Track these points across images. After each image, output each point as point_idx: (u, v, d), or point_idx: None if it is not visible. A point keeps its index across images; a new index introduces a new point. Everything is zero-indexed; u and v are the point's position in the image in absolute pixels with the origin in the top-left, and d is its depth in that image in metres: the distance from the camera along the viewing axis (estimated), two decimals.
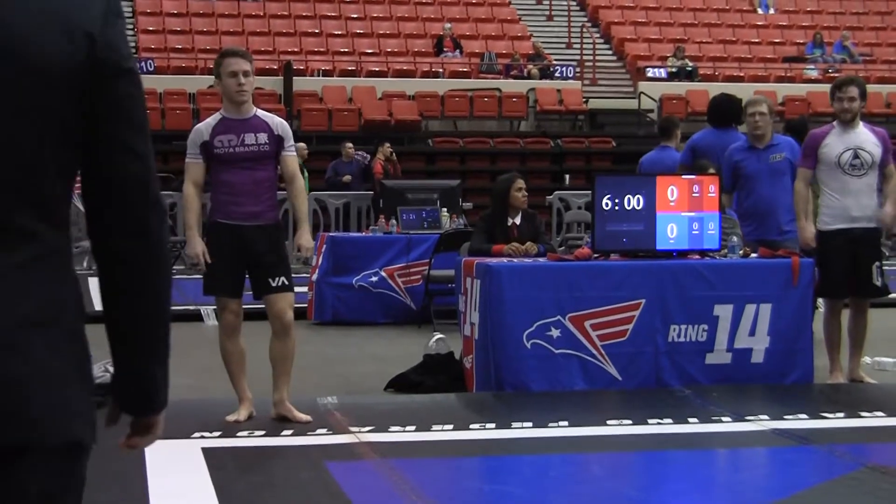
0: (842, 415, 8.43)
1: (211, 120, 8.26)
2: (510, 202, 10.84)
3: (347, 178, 23.41)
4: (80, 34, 2.41)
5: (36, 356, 2.40)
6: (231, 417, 8.14)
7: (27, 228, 2.40)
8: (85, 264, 20.46)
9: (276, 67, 29.14)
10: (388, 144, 24.18)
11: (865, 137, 9.59)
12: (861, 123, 9.69)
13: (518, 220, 10.83)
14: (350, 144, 24.22)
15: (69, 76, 2.40)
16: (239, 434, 7.77)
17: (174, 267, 20.78)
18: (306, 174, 23.56)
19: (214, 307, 14.27)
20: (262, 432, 7.82)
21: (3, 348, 2.35)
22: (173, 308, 2.64)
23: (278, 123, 8.26)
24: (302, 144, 24.86)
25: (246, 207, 8.11)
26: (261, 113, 8.30)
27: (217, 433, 7.74)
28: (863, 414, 8.42)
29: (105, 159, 2.49)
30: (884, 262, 9.91)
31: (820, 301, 10.79)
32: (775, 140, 10.77)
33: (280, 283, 8.17)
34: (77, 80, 2.40)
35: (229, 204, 8.12)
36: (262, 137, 8.13)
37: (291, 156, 8.28)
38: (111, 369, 2.71)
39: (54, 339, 2.46)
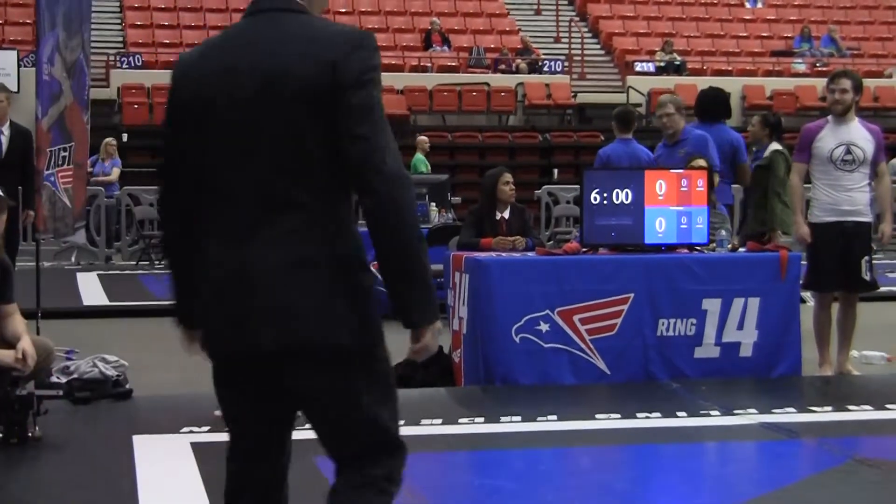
0: (830, 408, 8.45)
1: None
2: (498, 196, 10.85)
3: None
4: (323, 62, 3.56)
5: (304, 285, 3.56)
6: (219, 412, 8.11)
7: (299, 200, 3.57)
8: (73, 259, 20.49)
9: None
10: None
11: (858, 133, 9.61)
12: (856, 119, 9.71)
13: (506, 215, 10.84)
14: None
15: (319, 93, 3.54)
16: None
17: (162, 262, 20.75)
18: (427, 166, 23.50)
19: None
20: None
21: (281, 280, 3.55)
22: (161, 304, 2.81)
23: None
24: (423, 138, 24.86)
25: None
26: None
27: (206, 428, 7.74)
28: (850, 407, 8.45)
29: (344, 146, 3.53)
30: (873, 257, 9.94)
31: (806, 294, 10.83)
32: (684, 135, 11.17)
33: None
34: (325, 95, 3.54)
35: None
36: None
37: None
38: (100, 365, 2.86)
39: (320, 274, 3.58)
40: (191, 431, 7.65)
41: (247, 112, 3.60)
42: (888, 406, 8.46)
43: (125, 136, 26.48)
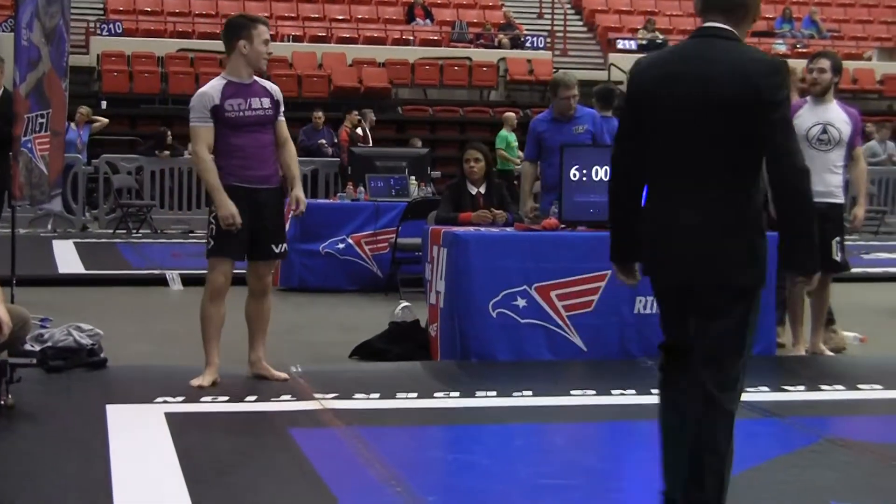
0: (802, 388, 8.47)
1: (217, 83, 8.28)
2: (464, 172, 10.89)
3: (328, 150, 23.47)
4: (748, 83, 4.81)
5: (724, 240, 4.89)
6: (195, 382, 8.13)
7: (721, 177, 4.88)
8: (49, 227, 20.42)
9: None
10: (355, 112, 24.17)
11: (836, 114, 9.63)
12: (834, 101, 9.71)
13: (483, 190, 10.84)
14: (319, 114, 24.19)
15: (745, 108, 4.82)
16: (202, 399, 7.75)
17: (140, 231, 20.75)
18: (514, 143, 23.27)
19: (179, 271, 14.32)
20: (226, 398, 7.81)
21: (708, 234, 4.88)
22: (138, 273, 2.77)
23: (276, 90, 8.46)
24: (511, 114, 24.74)
25: (258, 171, 8.24)
26: (258, 79, 8.44)
27: (180, 398, 7.73)
28: (823, 387, 8.48)
29: (766, 148, 4.83)
30: (846, 239, 9.95)
31: None
32: (578, 112, 11.13)
33: (283, 250, 8.42)
34: (750, 110, 4.81)
35: (243, 168, 8.20)
36: (266, 102, 8.31)
37: (284, 121, 8.45)
38: (74, 333, 2.86)
39: (735, 232, 4.89)
40: (165, 401, 7.63)
41: (685, 111, 4.90)
42: (860, 386, 8.49)
43: (104, 104, 26.38)
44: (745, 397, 7.99)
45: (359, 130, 23.70)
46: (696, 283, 5.00)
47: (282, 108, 8.39)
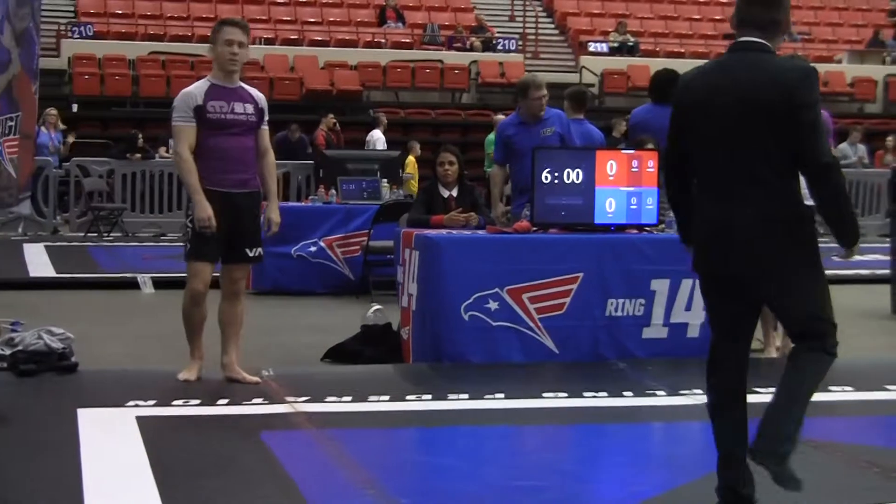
0: (773, 389, 8.47)
1: (201, 84, 8.31)
2: (438, 176, 10.90)
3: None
4: (782, 90, 5.32)
5: (766, 232, 5.39)
6: (182, 376, 8.24)
7: (762, 177, 5.38)
8: (20, 230, 20.33)
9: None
10: (331, 115, 24.23)
11: None
12: None
13: (455, 193, 10.85)
14: (295, 126, 24.37)
15: (778, 110, 5.31)
16: (174, 403, 7.73)
17: (111, 234, 20.68)
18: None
19: (150, 275, 14.28)
20: (198, 401, 7.79)
21: (752, 228, 5.39)
22: (109, 276, 2.75)
23: (260, 97, 8.45)
24: (501, 117, 24.78)
25: (236, 175, 8.23)
26: (244, 85, 8.44)
27: (152, 402, 7.70)
28: None
29: (800, 148, 5.34)
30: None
31: None
32: (546, 114, 11.18)
33: (257, 254, 8.40)
34: (783, 112, 5.30)
35: (220, 171, 8.19)
36: (249, 108, 8.31)
37: (267, 130, 8.45)
38: (45, 337, 2.84)
39: (775, 225, 5.39)
40: (136, 405, 7.60)
41: (728, 118, 5.42)
42: (831, 388, 8.50)
43: (75, 107, 26.28)
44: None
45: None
46: (743, 272, 5.50)
47: (266, 117, 8.38)
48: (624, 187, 9.47)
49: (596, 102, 28.29)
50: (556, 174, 9.38)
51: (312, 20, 31.79)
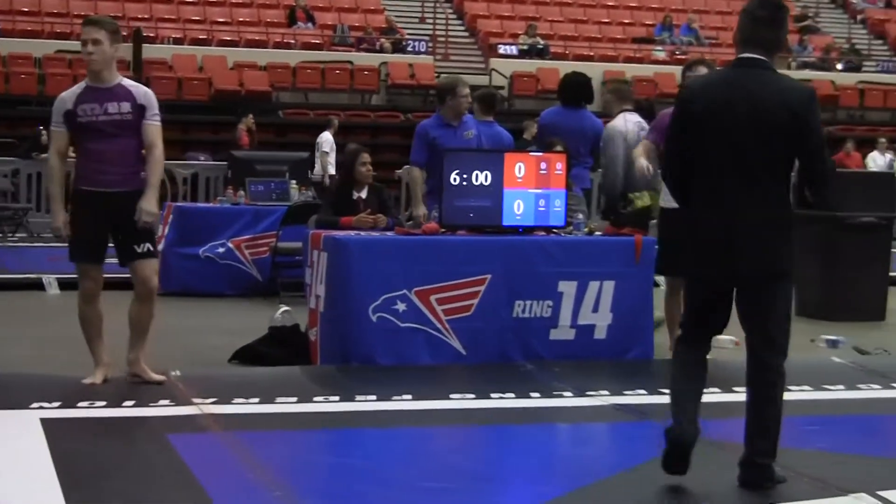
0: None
1: (76, 88, 8.30)
2: (355, 176, 10.89)
3: None
4: (791, 112, 5.92)
5: (767, 234, 5.96)
6: (87, 380, 8.19)
7: (766, 184, 5.95)
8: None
9: (125, 34, 28.64)
10: (251, 116, 24.34)
11: None
12: None
13: (364, 194, 10.85)
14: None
15: (785, 127, 5.92)
16: (79, 405, 7.66)
17: (15, 234, 20.44)
18: None
19: (56, 275, 14.13)
20: (104, 403, 7.73)
21: (755, 231, 5.93)
22: (14, 276, 2.74)
23: (142, 93, 8.34)
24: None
25: (111, 175, 8.18)
26: (126, 82, 8.38)
27: (57, 403, 7.63)
28: None
29: (805, 161, 6.04)
30: None
31: (659, 279, 10.96)
32: (466, 117, 11.31)
33: (145, 250, 8.28)
34: (790, 132, 5.92)
35: (96, 172, 8.17)
36: (126, 106, 8.20)
37: (153, 125, 8.30)
38: None
39: (774, 228, 5.95)
40: (41, 407, 7.53)
41: (738, 131, 5.96)
42: (735, 389, 8.57)
43: None
44: (622, 400, 8.17)
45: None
46: (751, 271, 6.01)
47: (149, 112, 8.24)
48: (532, 189, 9.51)
49: (505, 105, 28.37)
50: (465, 176, 9.40)
51: (222, 20, 31.62)
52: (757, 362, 6.11)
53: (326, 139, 24.79)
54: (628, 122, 11.16)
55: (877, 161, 27.54)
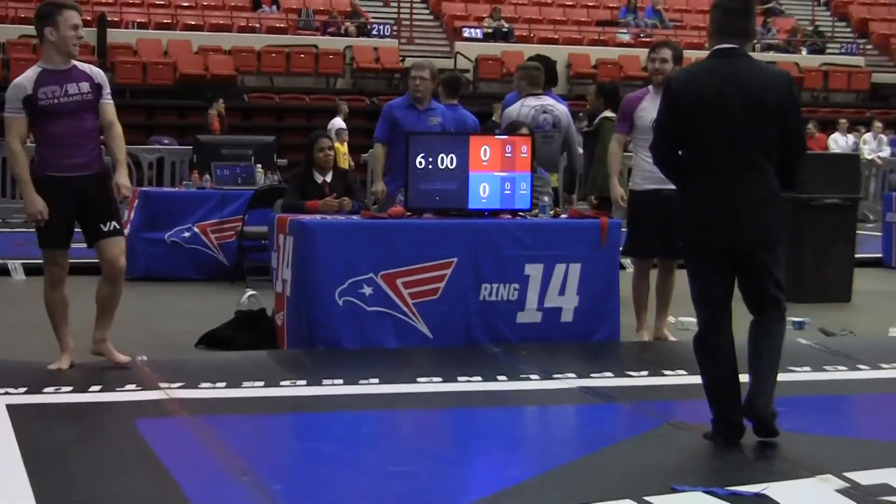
0: (646, 373, 8.62)
1: (31, 73, 8.20)
2: (315, 161, 10.88)
3: None
4: (776, 95, 6.47)
5: (763, 209, 6.48)
6: (53, 366, 8.18)
7: (760, 164, 6.47)
8: None
9: (89, 19, 28.49)
10: (221, 100, 24.30)
11: None
12: None
13: (329, 178, 10.84)
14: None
15: (776, 112, 6.46)
16: (45, 390, 7.64)
17: None
18: None
19: (21, 261, 14.07)
20: (70, 388, 7.71)
21: (752, 207, 6.45)
22: None
23: (97, 73, 8.37)
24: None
25: (74, 159, 8.16)
26: (78, 64, 8.34)
27: (22, 389, 7.61)
28: (666, 372, 8.62)
29: (788, 141, 6.53)
30: None
31: (626, 261, 11.00)
32: (433, 104, 11.48)
33: (112, 228, 8.29)
34: (779, 113, 6.47)
35: (58, 157, 8.14)
36: (85, 87, 8.22)
37: (109, 104, 8.35)
38: None
39: (769, 203, 6.49)
40: (6, 392, 7.50)
41: (730, 116, 6.43)
42: None
43: None
44: (588, 383, 8.19)
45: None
46: (753, 240, 6.49)
47: (105, 91, 8.29)
48: (498, 172, 9.52)
49: (470, 88, 28.38)
50: (430, 159, 9.40)
51: (186, 4, 31.50)
52: (762, 312, 6.61)
53: (338, 124, 24.77)
54: (523, 108, 11.44)
55: (838, 142, 27.66)
